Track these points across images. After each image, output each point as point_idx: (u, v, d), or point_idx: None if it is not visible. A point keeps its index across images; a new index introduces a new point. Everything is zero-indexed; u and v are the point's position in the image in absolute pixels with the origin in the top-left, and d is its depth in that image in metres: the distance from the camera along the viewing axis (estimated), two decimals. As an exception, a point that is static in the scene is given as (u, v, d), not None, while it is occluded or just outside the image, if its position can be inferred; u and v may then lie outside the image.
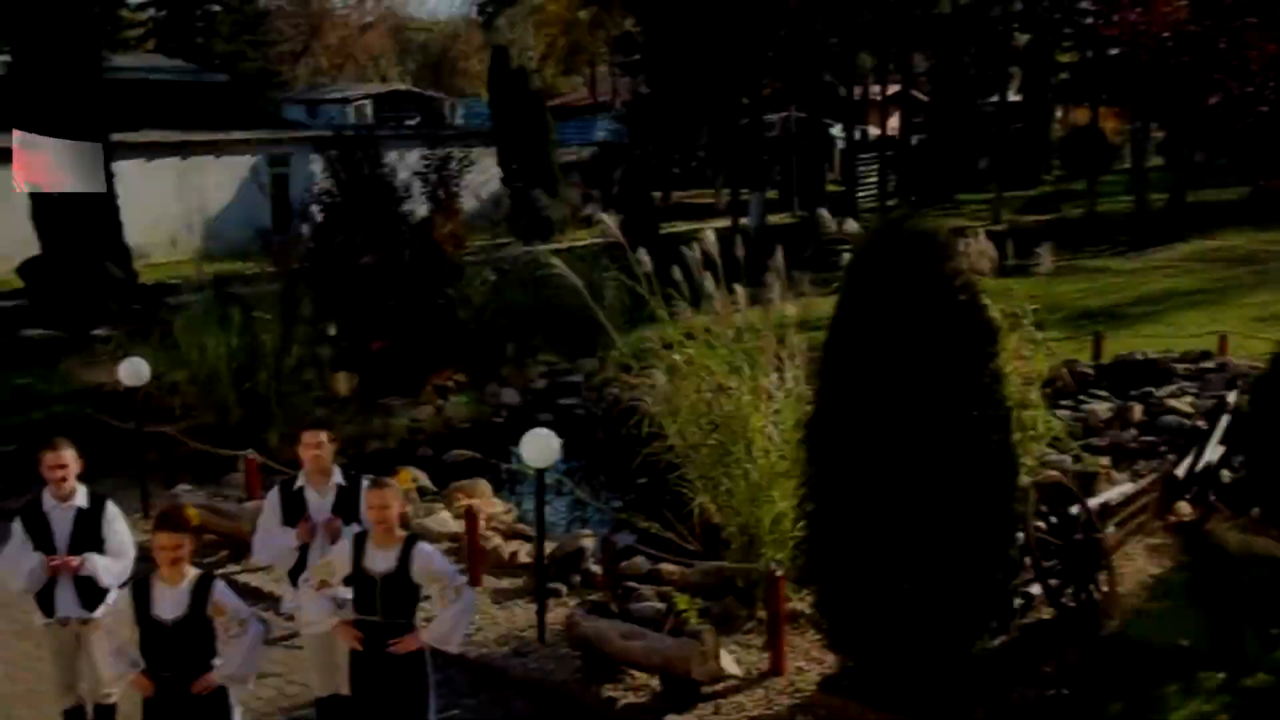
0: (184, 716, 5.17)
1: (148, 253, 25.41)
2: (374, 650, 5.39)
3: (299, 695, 7.12)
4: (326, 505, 6.11)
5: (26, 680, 7.38)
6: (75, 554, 5.98)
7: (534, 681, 7.14)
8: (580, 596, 8.19)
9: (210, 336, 11.00)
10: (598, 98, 57.44)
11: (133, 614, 5.14)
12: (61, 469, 5.99)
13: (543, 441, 7.35)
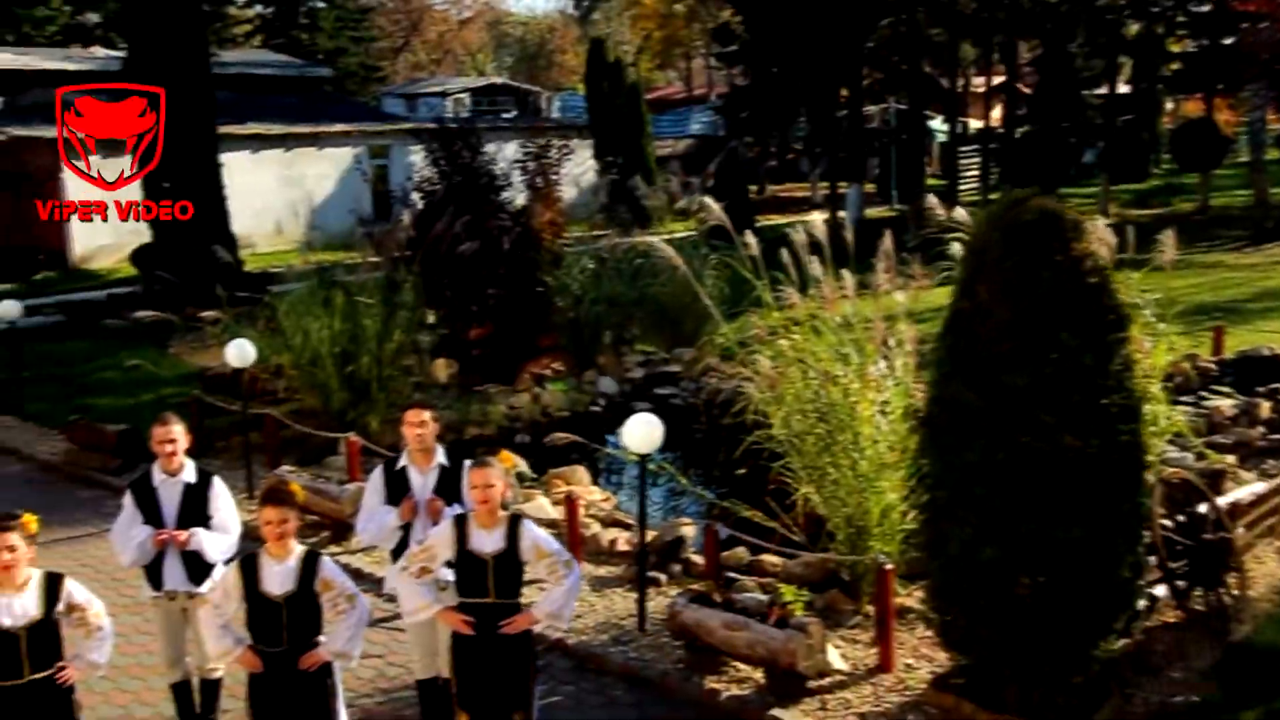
0: (289, 692, 5.16)
1: (253, 242, 26.02)
2: (483, 632, 5.29)
3: (398, 677, 7.11)
4: (429, 485, 6.06)
5: (135, 653, 7.49)
6: (183, 528, 6.02)
7: (634, 671, 7.01)
8: (680, 586, 8.04)
9: (314, 320, 11.08)
10: (693, 92, 57.29)
11: (241, 589, 5.14)
12: (170, 443, 6.03)
13: (646, 427, 7.21)
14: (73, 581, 5.23)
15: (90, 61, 32.61)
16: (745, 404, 8.38)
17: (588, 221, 22.26)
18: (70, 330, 18.48)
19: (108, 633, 5.30)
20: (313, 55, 42.09)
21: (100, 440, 11.05)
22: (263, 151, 28.71)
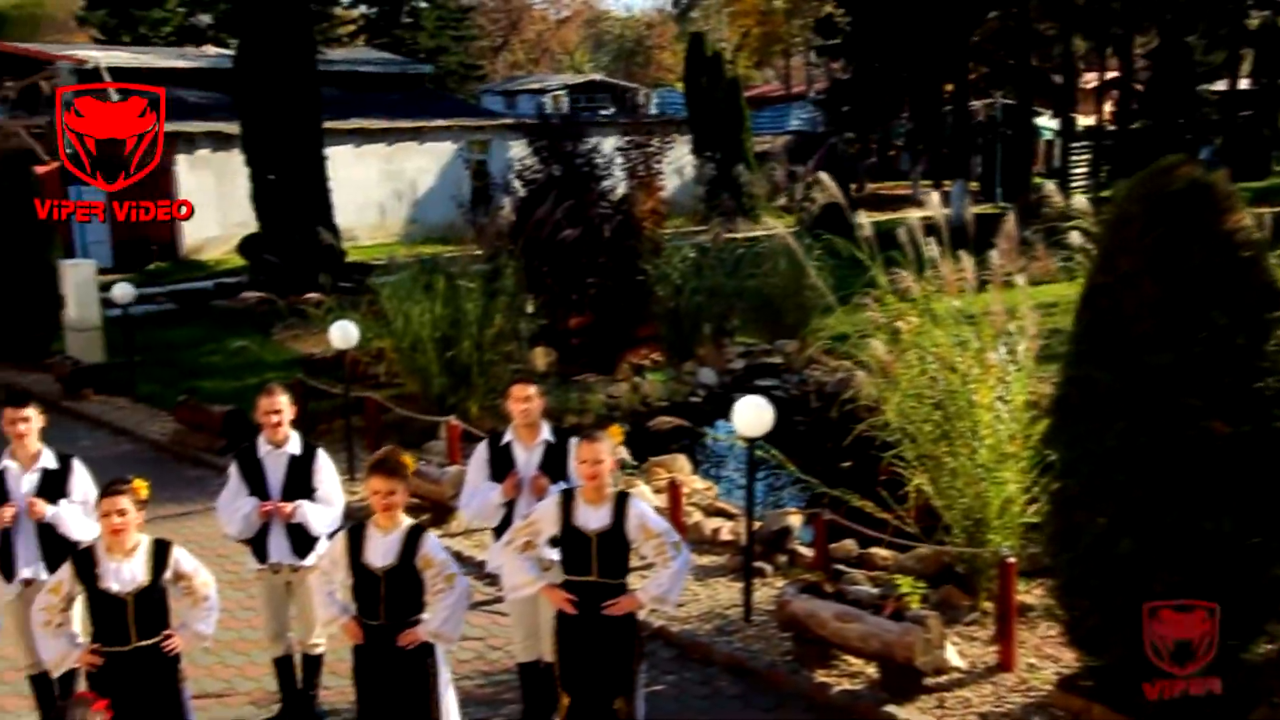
0: (392, 667, 5.04)
1: (355, 235, 26.39)
2: (586, 613, 5.12)
3: (499, 661, 6.98)
4: (534, 461, 5.90)
5: (238, 629, 7.50)
6: (288, 500, 5.97)
7: (740, 662, 6.78)
8: (785, 578, 7.79)
9: (415, 305, 11.07)
10: (791, 90, 56.70)
11: (346, 559, 5.03)
12: (275, 414, 5.98)
13: (756, 410, 6.98)
14: (180, 549, 5.19)
15: (202, 60, 33.48)
16: (856, 392, 8.09)
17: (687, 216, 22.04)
18: (180, 317, 18.90)
19: (213, 603, 5.25)
20: (414, 54, 42.65)
21: (207, 421, 11.20)
22: (365, 146, 29.11)
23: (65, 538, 5.74)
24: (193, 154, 26.87)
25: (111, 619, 4.95)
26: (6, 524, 5.71)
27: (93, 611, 5.01)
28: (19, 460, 5.86)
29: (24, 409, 5.85)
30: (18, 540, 5.79)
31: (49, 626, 5.02)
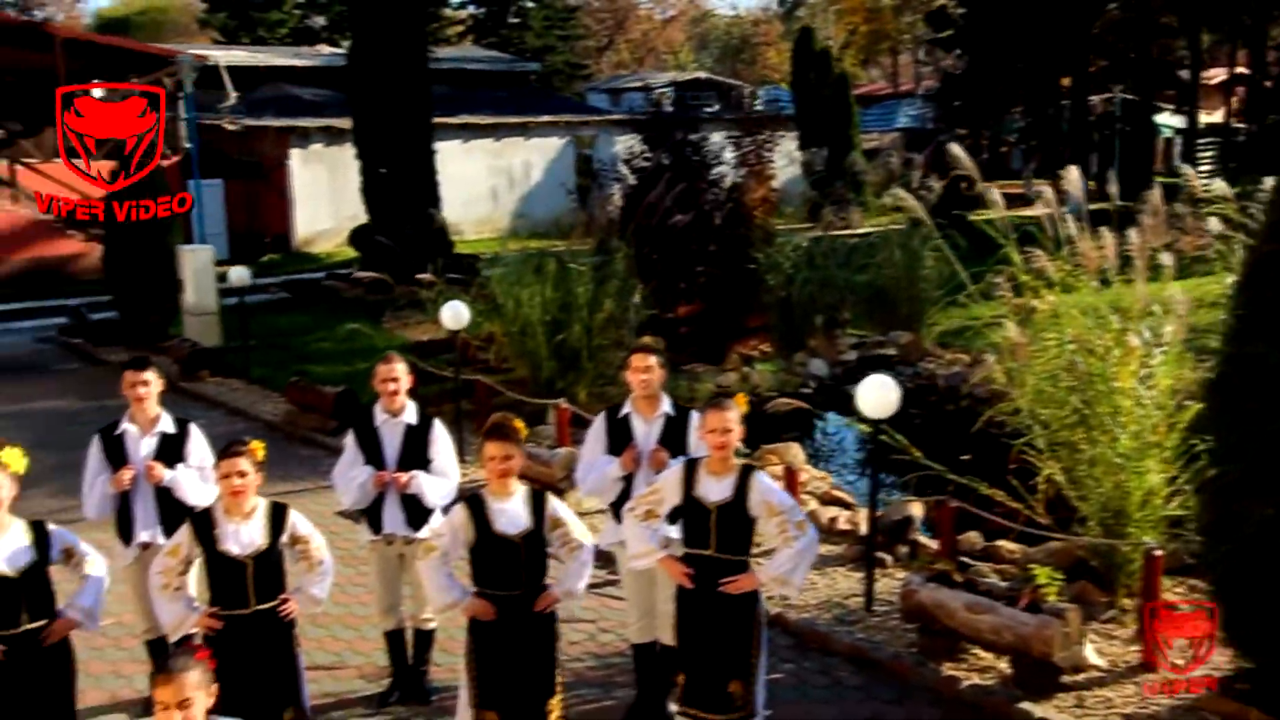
0: (518, 638, 4.87)
1: (461, 229, 26.58)
2: (703, 589, 4.89)
3: (610, 644, 6.81)
4: (653, 435, 5.69)
5: (348, 604, 7.45)
6: (403, 471, 5.87)
7: (861, 653, 6.49)
8: (907, 569, 7.47)
9: (525, 289, 10.97)
10: (898, 88, 55.73)
11: (472, 531, 4.88)
12: (393, 382, 5.88)
13: (881, 390, 6.68)
14: (297, 513, 5.12)
15: (316, 58, 34.20)
16: (985, 376, 7.73)
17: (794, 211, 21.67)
18: (292, 305, 19.24)
19: (328, 568, 5.18)
20: (521, 53, 43.02)
21: (319, 401, 11.27)
22: (473, 141, 29.35)
23: (182, 502, 5.72)
24: (306, 148, 27.39)
25: (230, 582, 4.90)
26: (125, 487, 5.72)
27: (211, 574, 4.96)
28: (138, 424, 5.86)
29: (144, 372, 5.86)
30: (136, 504, 5.79)
31: (167, 590, 4.99)
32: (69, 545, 4.80)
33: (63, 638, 4.73)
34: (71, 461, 6.91)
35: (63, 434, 10.43)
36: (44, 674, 4.63)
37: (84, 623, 4.78)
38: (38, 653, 4.60)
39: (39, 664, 4.61)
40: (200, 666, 3.45)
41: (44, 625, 4.64)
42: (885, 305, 14.24)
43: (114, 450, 5.80)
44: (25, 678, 4.56)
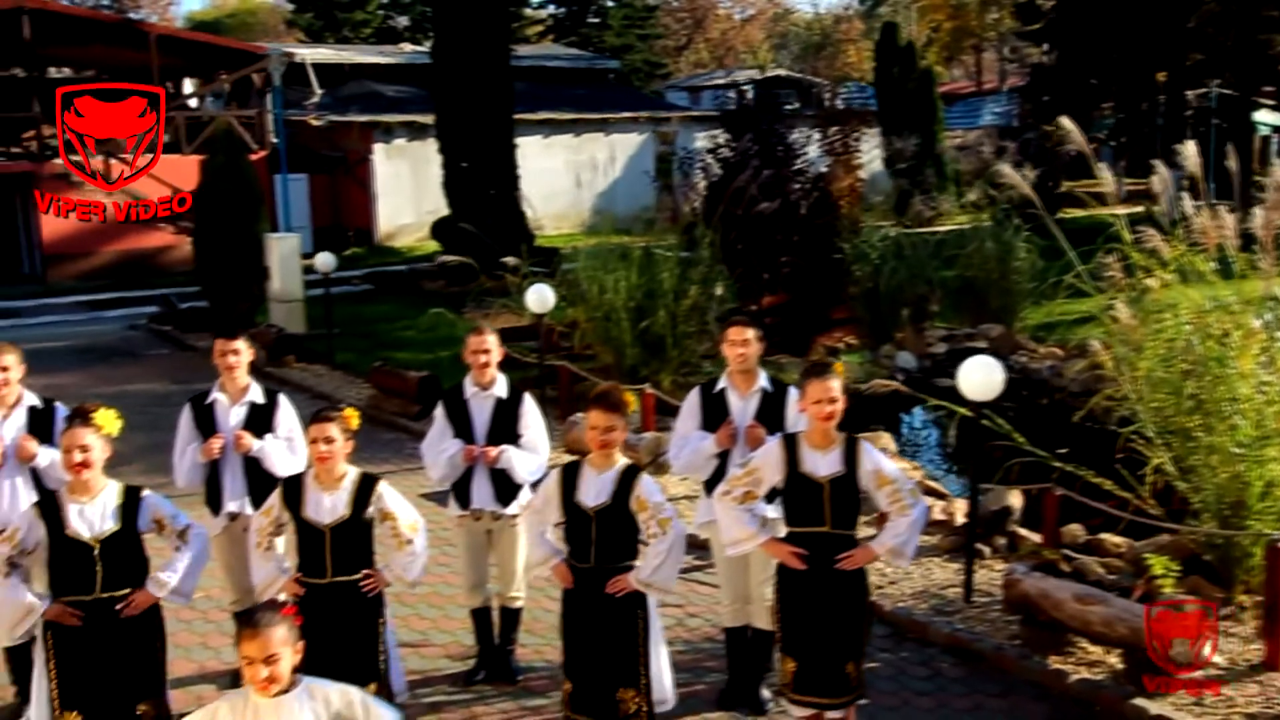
0: (598, 617, 4.73)
1: (541, 224, 26.63)
2: (817, 568, 4.67)
3: (699, 629, 6.65)
4: (750, 410, 5.51)
5: (434, 584, 7.37)
6: (493, 445, 5.75)
7: (961, 644, 6.23)
8: (1005, 561, 7.19)
9: (609, 275, 10.86)
10: (981, 86, 54.71)
11: (559, 496, 4.76)
12: (484, 353, 5.77)
13: (985, 370, 6.42)
14: (388, 487, 5.01)
15: (399, 56, 34.55)
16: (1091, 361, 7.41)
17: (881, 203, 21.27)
18: (375, 296, 19.40)
19: (418, 550, 5.00)
20: (600, 52, 43.08)
21: (402, 386, 11.27)
22: (553, 136, 29.40)
23: (270, 473, 5.66)
24: (389, 143, 27.66)
25: (311, 550, 4.82)
26: (214, 456, 5.69)
27: (297, 541, 4.89)
28: (228, 394, 5.83)
29: (234, 340, 5.82)
30: (224, 473, 5.76)
31: (260, 549, 4.93)
32: (160, 515, 4.66)
33: (149, 607, 4.63)
34: (161, 442, 6.94)
35: (153, 415, 10.54)
36: (129, 643, 4.56)
37: (162, 597, 4.65)
38: (122, 621, 4.53)
39: (124, 632, 4.54)
40: (286, 623, 3.35)
41: (125, 594, 4.55)
42: (975, 297, 13.87)
43: (204, 419, 5.77)
44: (111, 645, 4.51)
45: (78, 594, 4.48)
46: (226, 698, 3.43)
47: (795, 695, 4.81)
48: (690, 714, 5.63)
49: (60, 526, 4.45)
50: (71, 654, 4.50)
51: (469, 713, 5.73)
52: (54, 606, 4.47)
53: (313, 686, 3.44)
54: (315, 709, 3.41)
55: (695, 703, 5.75)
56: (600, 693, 4.73)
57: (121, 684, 4.52)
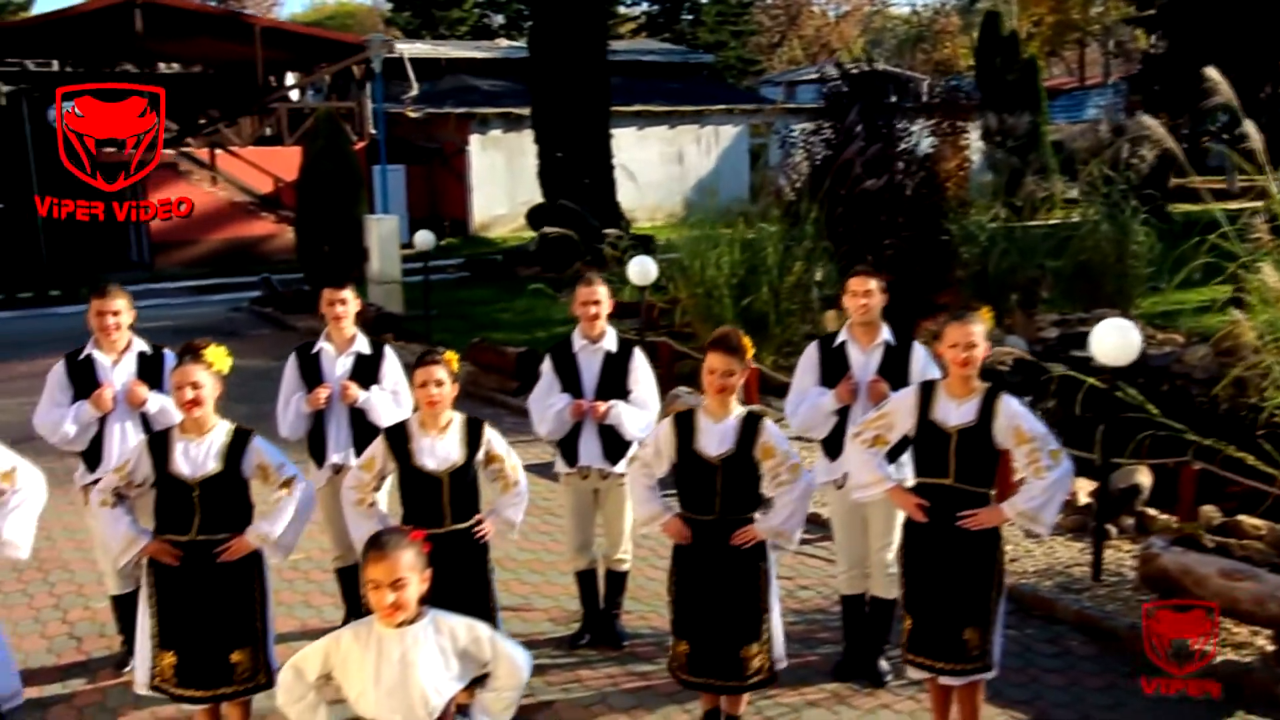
0: (719, 571, 4.51)
1: (634, 216, 26.51)
2: (939, 522, 4.39)
3: (810, 600, 6.41)
4: (872, 365, 5.24)
5: (535, 550, 7.25)
6: (602, 399, 5.57)
7: (1092, 621, 5.87)
8: (1133, 542, 6.81)
9: (711, 251, 10.63)
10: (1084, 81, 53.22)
11: (674, 447, 4.55)
12: (594, 304, 5.59)
13: (1119, 332, 6.05)
14: (493, 430, 4.88)
15: (495, 51, 34.76)
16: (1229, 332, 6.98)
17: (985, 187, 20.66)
18: (472, 281, 19.46)
19: (523, 491, 4.91)
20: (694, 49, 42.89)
21: (500, 362, 11.18)
22: (648, 128, 29.27)
23: (374, 425, 5.55)
24: (485, 134, 27.80)
25: (425, 499, 4.67)
26: (320, 405, 5.60)
27: (404, 491, 4.75)
28: (334, 344, 5.74)
29: (342, 290, 5.74)
30: (329, 424, 5.67)
31: (360, 505, 4.79)
32: (266, 462, 4.51)
33: (249, 556, 4.52)
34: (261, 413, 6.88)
35: (254, 389, 10.57)
36: (225, 589, 4.46)
37: (265, 549, 4.52)
38: (219, 566, 4.42)
39: (221, 578, 4.44)
40: (415, 548, 3.17)
41: (223, 539, 4.43)
42: (1089, 282, 13.30)
43: (310, 369, 5.69)
44: (207, 589, 4.41)
45: (176, 534, 4.39)
46: (350, 627, 3.28)
47: (910, 655, 4.55)
48: (804, 684, 5.40)
49: (165, 464, 4.37)
50: (170, 593, 4.42)
51: (574, 676, 5.55)
52: (154, 543, 4.39)
53: (439, 619, 3.27)
54: (441, 643, 3.24)
55: (808, 673, 5.51)
56: (723, 651, 4.51)
57: (216, 630, 4.42)
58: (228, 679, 4.46)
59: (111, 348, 5.43)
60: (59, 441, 5.37)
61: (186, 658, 4.40)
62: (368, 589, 3.12)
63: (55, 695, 5.43)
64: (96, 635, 6.09)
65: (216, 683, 4.44)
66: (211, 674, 4.42)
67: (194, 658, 4.41)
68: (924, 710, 5.12)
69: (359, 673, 3.18)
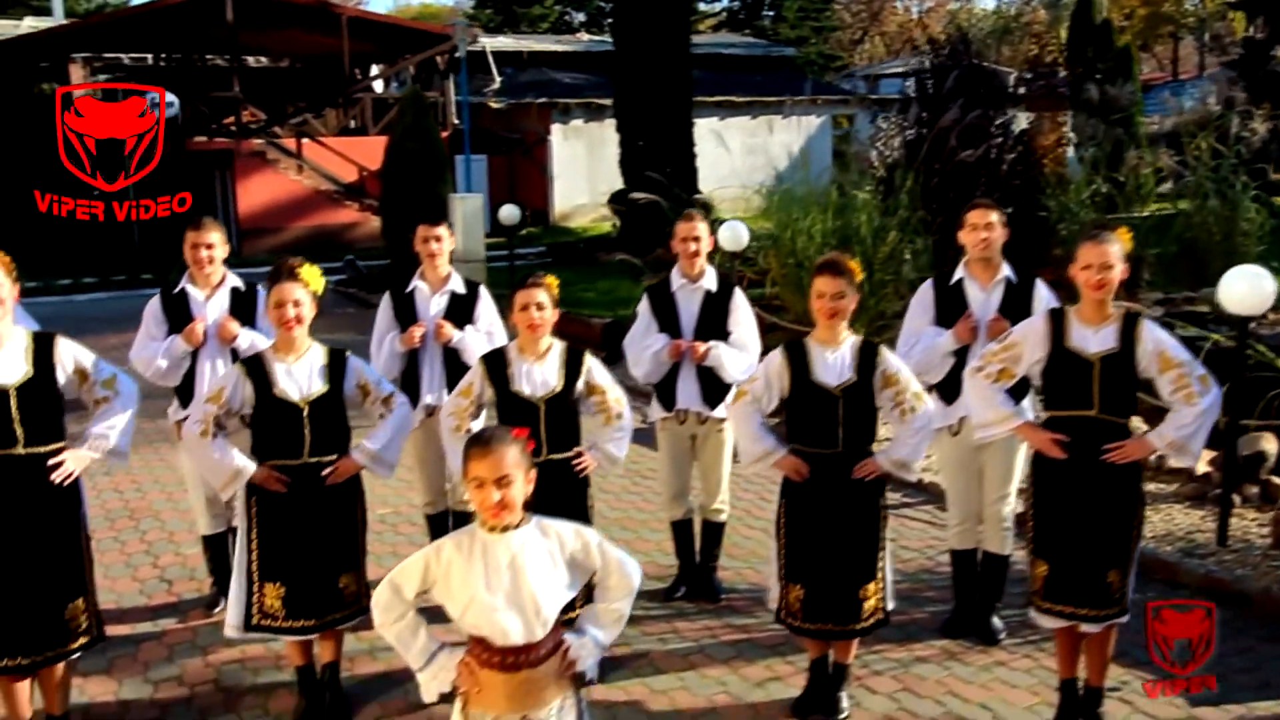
0: (844, 504, 4.26)
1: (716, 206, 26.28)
2: (1079, 458, 4.07)
3: (912, 562, 6.12)
4: (992, 303, 4.96)
5: (624, 508, 7.09)
6: (701, 340, 5.36)
7: (1219, 585, 5.51)
8: (1258, 511, 6.42)
9: (803, 219, 10.34)
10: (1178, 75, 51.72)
11: (789, 377, 4.32)
12: (694, 241, 5.38)
13: (1251, 280, 5.69)
14: (594, 360, 4.71)
15: (576, 44, 34.81)
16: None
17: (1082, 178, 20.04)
18: (554, 266, 19.38)
19: (627, 425, 4.74)
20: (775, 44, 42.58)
21: (586, 332, 11.07)
22: (729, 119, 28.99)
23: (469, 366, 5.40)
24: (567, 124, 27.78)
25: (521, 426, 4.50)
26: (414, 344, 5.47)
27: (501, 417, 4.59)
28: (428, 282, 5.62)
29: (437, 227, 5.62)
30: (423, 364, 5.54)
31: (459, 432, 4.66)
32: (366, 381, 4.49)
33: (351, 479, 4.42)
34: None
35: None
36: (331, 512, 4.35)
37: (371, 467, 4.46)
38: (326, 490, 4.32)
39: (328, 501, 4.33)
40: (519, 445, 2.99)
41: (330, 461, 4.34)
42: (1194, 260, 12.75)
43: (404, 308, 5.57)
44: (314, 513, 4.30)
45: (285, 457, 4.28)
46: (450, 537, 3.10)
47: (1045, 603, 4.23)
48: (912, 640, 5.14)
49: (268, 386, 4.26)
50: (275, 523, 4.30)
51: (670, 627, 5.36)
52: (261, 470, 4.27)
53: (544, 523, 3.07)
54: (549, 547, 3.04)
55: (916, 630, 5.25)
56: (841, 592, 4.28)
57: (324, 554, 4.31)
58: (339, 604, 4.36)
59: (205, 282, 5.37)
60: (153, 375, 5.32)
61: (296, 587, 4.28)
62: (471, 488, 2.95)
63: (146, 633, 5.38)
64: (187, 579, 6.04)
65: (327, 609, 4.34)
66: (323, 601, 4.32)
67: (304, 586, 4.29)
68: (1040, 667, 4.85)
69: (463, 584, 2.99)
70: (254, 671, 4.95)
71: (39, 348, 4.07)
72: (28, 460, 3.96)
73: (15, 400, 3.92)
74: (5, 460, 3.91)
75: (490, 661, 2.99)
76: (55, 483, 4.00)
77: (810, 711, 4.48)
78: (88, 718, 4.55)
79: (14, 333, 4.04)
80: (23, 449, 3.94)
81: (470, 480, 2.93)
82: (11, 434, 3.91)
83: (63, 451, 4.06)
